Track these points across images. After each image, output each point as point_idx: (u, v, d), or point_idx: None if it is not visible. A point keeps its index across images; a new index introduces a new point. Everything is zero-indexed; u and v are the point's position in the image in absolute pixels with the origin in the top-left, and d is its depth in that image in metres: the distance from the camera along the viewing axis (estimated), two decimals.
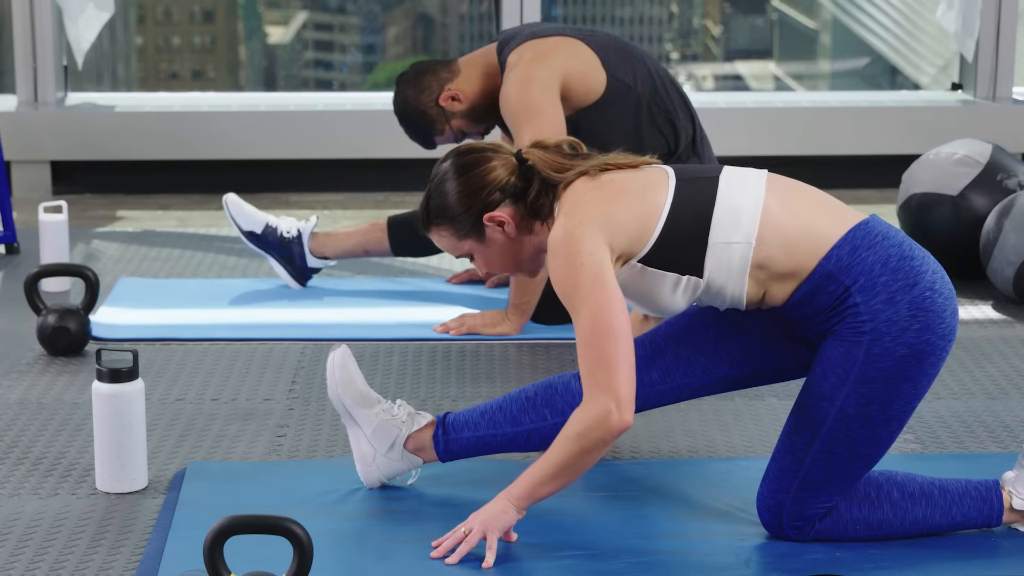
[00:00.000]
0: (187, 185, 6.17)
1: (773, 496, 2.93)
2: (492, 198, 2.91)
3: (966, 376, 3.98)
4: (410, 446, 3.14)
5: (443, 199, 2.93)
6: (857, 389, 2.83)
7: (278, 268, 4.68)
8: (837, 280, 2.83)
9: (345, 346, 3.16)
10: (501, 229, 2.92)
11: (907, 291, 2.82)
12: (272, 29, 8.53)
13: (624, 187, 2.87)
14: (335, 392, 3.13)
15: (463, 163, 2.94)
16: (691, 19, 8.70)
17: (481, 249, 2.96)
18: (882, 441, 2.87)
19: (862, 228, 2.85)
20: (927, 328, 2.82)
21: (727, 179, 2.89)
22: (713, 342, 3.03)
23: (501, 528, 2.86)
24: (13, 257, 5.08)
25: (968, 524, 2.98)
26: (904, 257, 2.84)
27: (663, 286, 2.87)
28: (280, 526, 2.55)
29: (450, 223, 2.94)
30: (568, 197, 2.87)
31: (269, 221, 4.68)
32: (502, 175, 2.91)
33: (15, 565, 2.85)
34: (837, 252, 2.83)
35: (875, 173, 6.20)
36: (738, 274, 2.85)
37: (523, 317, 4.23)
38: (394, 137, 6.15)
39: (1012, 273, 4.54)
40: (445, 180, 2.94)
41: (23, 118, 6.09)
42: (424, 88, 4.33)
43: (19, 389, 3.83)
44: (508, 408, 3.09)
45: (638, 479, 3.26)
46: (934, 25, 7.07)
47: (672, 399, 3.07)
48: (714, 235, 2.84)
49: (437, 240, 2.99)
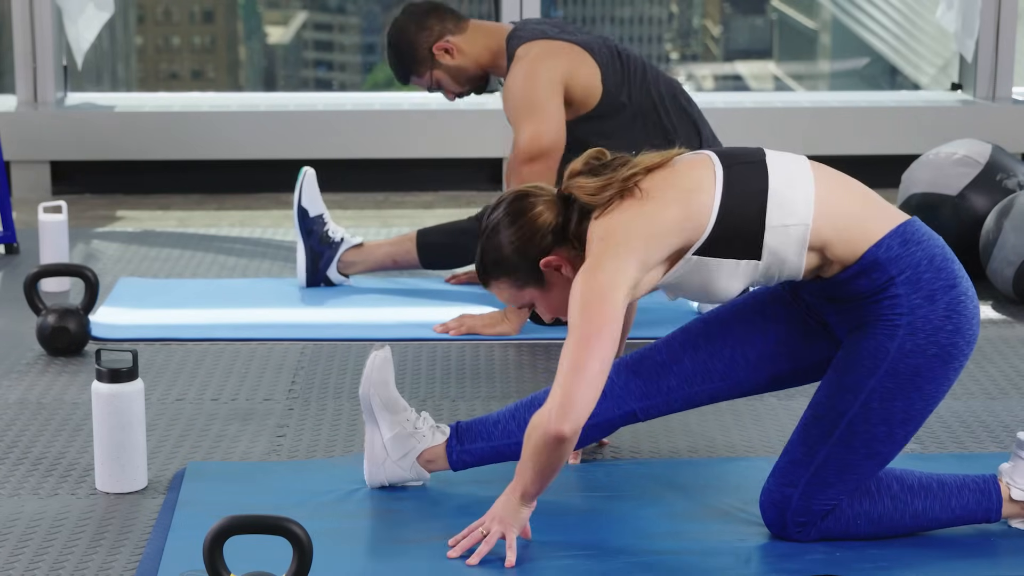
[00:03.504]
0: (187, 185, 6.17)
1: (780, 490, 2.92)
2: (545, 243, 2.89)
3: (966, 376, 3.98)
4: (423, 459, 3.14)
5: (499, 252, 2.92)
6: (884, 383, 2.84)
7: (301, 257, 4.67)
8: (883, 268, 2.84)
9: (388, 348, 3.15)
10: (559, 272, 2.91)
11: (947, 292, 2.85)
12: (272, 29, 8.53)
13: (665, 198, 2.82)
14: (367, 390, 3.13)
15: (512, 211, 2.91)
16: (691, 19, 8.71)
17: (542, 295, 2.95)
18: (898, 440, 2.88)
19: (912, 224, 2.88)
20: (958, 331, 2.85)
21: (773, 163, 2.87)
22: (730, 347, 3.03)
23: (519, 525, 2.86)
24: (13, 257, 5.08)
25: (968, 517, 2.98)
26: (947, 259, 2.88)
27: (720, 272, 2.85)
28: (280, 526, 2.55)
29: (508, 275, 2.93)
30: (604, 222, 2.82)
31: (324, 214, 4.67)
32: (549, 217, 2.89)
33: (15, 565, 2.85)
34: (888, 241, 2.85)
35: (875, 173, 6.18)
36: (796, 253, 2.83)
37: (522, 317, 4.22)
38: (394, 137, 6.18)
39: (1012, 273, 4.54)
40: (498, 232, 2.92)
41: (23, 118, 6.09)
42: (426, 28, 4.32)
43: (19, 389, 3.83)
44: (521, 416, 3.09)
45: (638, 479, 3.26)
46: (934, 25, 7.07)
47: (691, 405, 3.08)
48: (771, 219, 2.82)
49: (497, 293, 2.98)
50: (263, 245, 5.28)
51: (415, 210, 5.80)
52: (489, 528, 2.86)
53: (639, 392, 3.05)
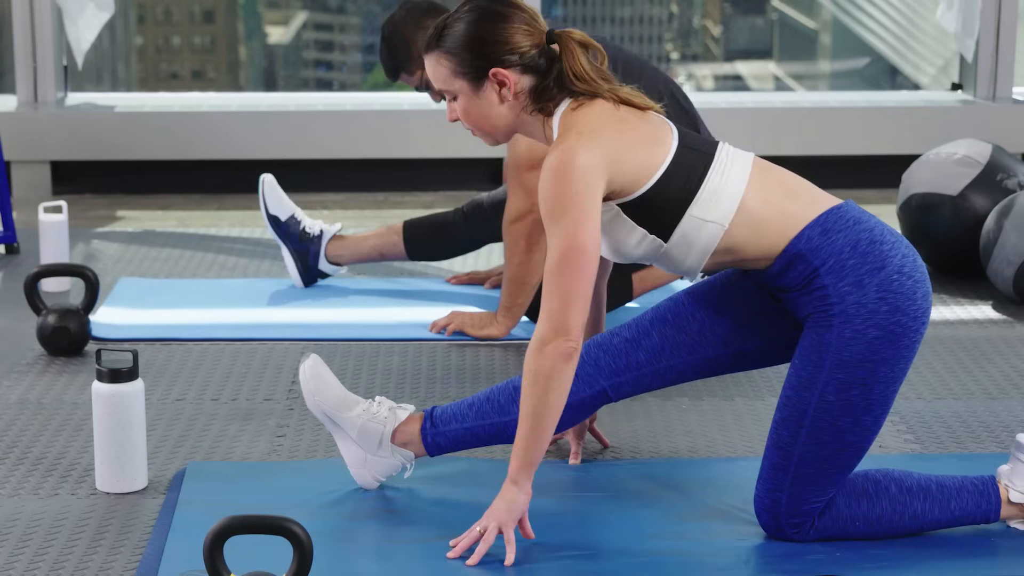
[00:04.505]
0: (187, 185, 6.17)
1: (768, 496, 2.93)
2: (508, 58, 2.89)
3: (966, 376, 3.98)
4: (398, 441, 3.13)
5: (461, 33, 2.91)
6: (834, 375, 2.84)
7: (289, 261, 4.68)
8: (806, 260, 2.85)
9: (314, 355, 3.15)
10: (499, 89, 2.91)
11: (875, 274, 2.83)
12: (272, 29, 8.54)
13: (638, 131, 2.88)
14: (312, 402, 3.12)
15: (494, 11, 2.91)
16: (691, 19, 8.71)
17: (468, 97, 2.93)
18: (867, 427, 2.87)
19: (834, 212, 2.88)
20: (897, 310, 2.83)
21: (719, 158, 2.91)
22: (698, 322, 3.04)
23: (515, 518, 2.86)
24: (13, 257, 5.08)
25: (966, 519, 2.98)
26: (874, 241, 2.86)
27: (629, 236, 2.89)
28: (280, 526, 2.55)
29: (455, 57, 2.92)
30: (583, 117, 2.86)
31: (295, 213, 4.67)
32: (525, 43, 2.90)
33: (15, 565, 2.85)
34: (808, 232, 2.86)
35: (875, 173, 6.20)
36: (701, 251, 2.88)
37: (513, 320, 4.21)
38: (394, 137, 6.17)
39: (1012, 273, 4.54)
40: (471, 15, 2.91)
41: (23, 118, 6.09)
42: (423, 27, 4.30)
43: (19, 389, 3.83)
44: (495, 398, 3.09)
45: (638, 479, 3.26)
46: (934, 25, 7.07)
47: (660, 382, 3.07)
48: (693, 209, 2.86)
49: (432, 66, 2.95)
50: (263, 245, 5.28)
51: (415, 210, 5.80)
52: (486, 526, 2.86)
53: (608, 369, 3.05)
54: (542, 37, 2.91)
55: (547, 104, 2.92)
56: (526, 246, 4.08)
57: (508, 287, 4.16)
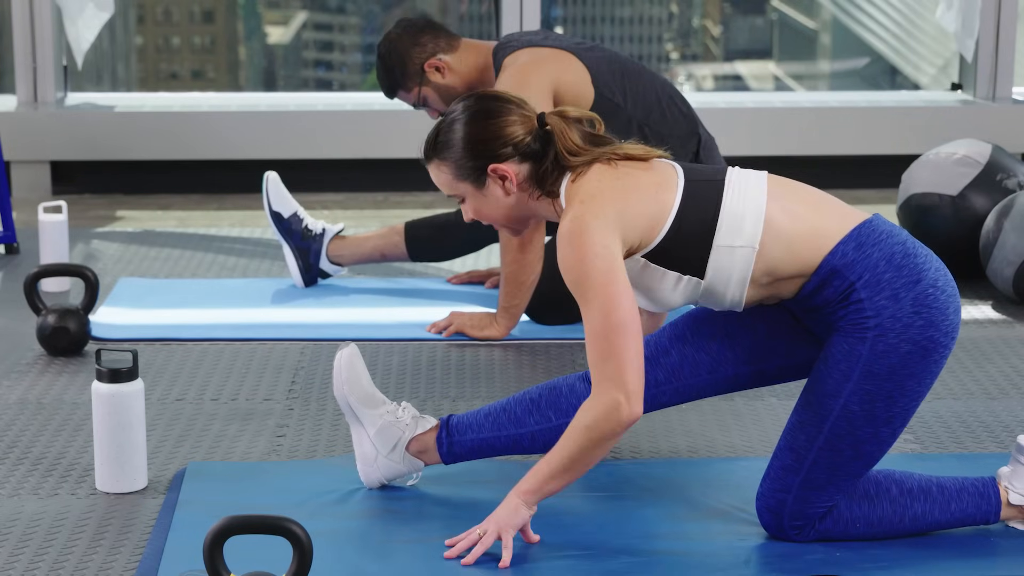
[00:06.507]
0: (187, 185, 6.17)
1: (774, 496, 2.93)
2: (503, 151, 2.91)
3: (966, 376, 3.98)
4: (413, 449, 3.14)
5: (454, 137, 2.93)
6: (862, 385, 2.83)
7: (290, 259, 4.68)
8: (842, 276, 2.84)
9: (353, 345, 3.16)
10: (502, 184, 2.92)
11: (911, 288, 2.83)
12: (272, 29, 8.54)
13: (639, 183, 2.88)
14: (341, 391, 3.13)
15: (483, 108, 2.93)
16: (691, 19, 8.71)
17: (476, 196, 2.95)
18: (885, 439, 2.88)
19: (867, 226, 2.87)
20: (931, 325, 2.83)
21: (731, 182, 2.90)
22: (717, 342, 3.03)
23: (515, 526, 2.86)
24: (13, 257, 5.09)
25: (967, 520, 2.98)
26: (908, 255, 2.86)
27: (664, 283, 2.88)
28: (280, 526, 2.55)
29: (453, 163, 2.94)
30: (583, 185, 2.87)
31: (298, 211, 4.68)
32: (519, 132, 2.91)
33: (15, 565, 2.85)
34: (842, 248, 2.84)
35: (875, 173, 6.20)
36: (739, 279, 2.86)
37: (511, 320, 4.21)
38: (394, 137, 6.17)
39: (1012, 273, 4.54)
40: (461, 120, 2.93)
41: (23, 118, 6.09)
42: (419, 44, 4.31)
43: (19, 389, 3.83)
44: (512, 410, 3.09)
45: (638, 479, 3.26)
46: (934, 25, 7.07)
47: (678, 399, 3.08)
48: (718, 238, 2.85)
49: (435, 174, 2.98)
50: (263, 245, 5.28)
51: (415, 210, 5.80)
52: (486, 530, 2.86)
53: None
54: (533, 122, 2.93)
55: (551, 186, 2.92)
56: (519, 244, 4.09)
57: (505, 287, 4.17)
